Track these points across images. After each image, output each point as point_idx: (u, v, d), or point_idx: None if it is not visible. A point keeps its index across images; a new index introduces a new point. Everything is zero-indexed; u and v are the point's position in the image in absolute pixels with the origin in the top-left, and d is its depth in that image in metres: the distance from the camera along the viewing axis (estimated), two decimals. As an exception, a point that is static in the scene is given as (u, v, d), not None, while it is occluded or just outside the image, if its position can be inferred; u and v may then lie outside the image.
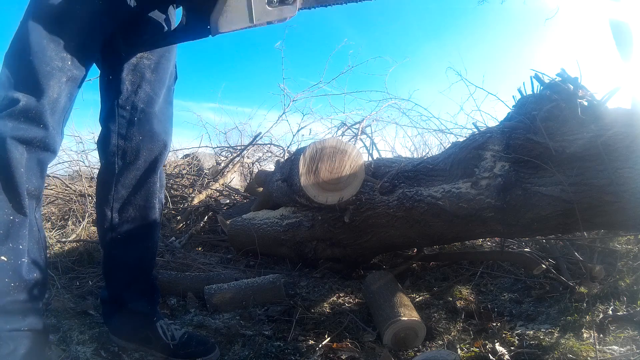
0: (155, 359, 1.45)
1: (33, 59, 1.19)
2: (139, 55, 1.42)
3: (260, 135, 4.94)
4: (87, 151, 4.56)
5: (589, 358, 1.36)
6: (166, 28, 1.45)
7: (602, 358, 1.35)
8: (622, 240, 2.32)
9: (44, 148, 1.22)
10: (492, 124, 2.83)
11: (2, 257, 1.17)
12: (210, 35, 1.29)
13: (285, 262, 2.52)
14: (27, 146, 1.19)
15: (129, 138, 1.41)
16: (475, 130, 2.01)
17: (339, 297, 2.05)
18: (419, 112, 4.96)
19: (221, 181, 4.21)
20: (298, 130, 5.03)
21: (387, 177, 2.13)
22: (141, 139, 1.42)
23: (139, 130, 1.42)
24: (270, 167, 4.52)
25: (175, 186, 4.17)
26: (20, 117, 1.18)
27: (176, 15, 1.51)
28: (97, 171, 4.27)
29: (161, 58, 1.47)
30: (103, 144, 1.43)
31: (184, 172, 4.57)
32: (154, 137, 1.44)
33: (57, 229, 3.13)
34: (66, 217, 3.49)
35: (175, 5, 1.45)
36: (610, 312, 1.62)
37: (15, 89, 1.18)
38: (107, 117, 1.43)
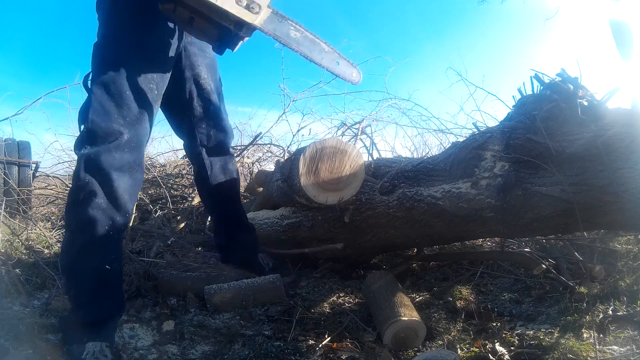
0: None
1: (133, 95, 1.44)
2: (197, 73, 1.81)
3: (260, 135, 4.93)
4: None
5: (589, 358, 1.36)
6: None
7: (602, 358, 1.35)
8: (622, 240, 2.32)
9: (141, 168, 1.51)
10: (492, 124, 2.83)
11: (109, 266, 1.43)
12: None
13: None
14: (130, 171, 1.45)
15: (210, 143, 1.96)
16: (475, 130, 2.01)
17: (339, 297, 2.05)
18: (419, 112, 4.96)
19: (221, 181, 4.20)
20: (298, 130, 5.02)
21: (387, 177, 2.13)
22: (219, 140, 1.99)
23: (215, 135, 1.97)
24: (270, 167, 4.52)
25: (175, 186, 4.17)
26: (125, 148, 1.41)
27: None
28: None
29: (213, 73, 1.91)
30: (191, 152, 2.00)
31: (184, 172, 4.56)
32: (227, 135, 2.03)
33: (57, 229, 3.13)
34: (66, 217, 3.48)
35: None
36: (610, 312, 1.62)
37: (117, 122, 1.41)
38: (189, 131, 1.93)
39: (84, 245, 1.36)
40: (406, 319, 1.54)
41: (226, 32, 1.53)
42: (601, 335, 1.49)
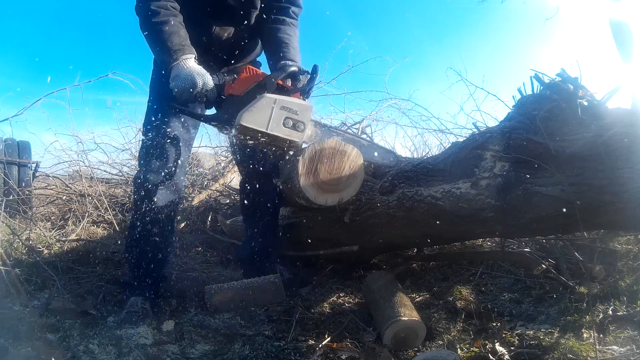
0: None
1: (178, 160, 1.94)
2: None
3: (261, 136, 4.92)
4: (86, 151, 4.54)
5: (589, 358, 1.36)
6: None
7: (602, 358, 1.35)
8: (622, 240, 2.32)
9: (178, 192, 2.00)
10: (492, 124, 2.82)
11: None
12: (232, 127, 1.71)
13: (286, 262, 2.52)
14: (167, 188, 1.92)
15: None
16: (475, 130, 2.01)
17: (339, 297, 2.05)
18: (419, 112, 4.94)
19: (221, 181, 4.20)
20: (298, 131, 5.00)
21: (387, 177, 2.13)
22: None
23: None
24: (270, 167, 4.50)
25: (175, 186, 4.16)
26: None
27: None
28: (96, 171, 4.23)
29: None
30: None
31: (184, 172, 4.56)
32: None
33: (57, 229, 3.13)
34: (66, 217, 3.49)
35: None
36: (610, 312, 1.62)
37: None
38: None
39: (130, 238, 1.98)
40: (406, 319, 1.54)
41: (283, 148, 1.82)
42: (601, 335, 1.49)
